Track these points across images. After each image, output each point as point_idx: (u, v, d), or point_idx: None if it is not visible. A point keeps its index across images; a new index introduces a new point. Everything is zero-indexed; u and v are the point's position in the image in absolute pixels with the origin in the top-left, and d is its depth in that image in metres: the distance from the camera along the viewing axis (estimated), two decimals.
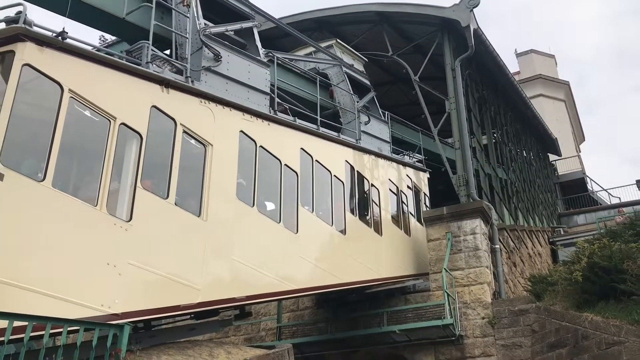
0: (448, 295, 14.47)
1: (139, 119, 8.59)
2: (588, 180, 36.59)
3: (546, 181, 33.21)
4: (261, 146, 11.27)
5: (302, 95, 15.72)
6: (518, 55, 46.22)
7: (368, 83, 18.12)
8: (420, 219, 18.02)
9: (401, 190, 17.73)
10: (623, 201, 32.08)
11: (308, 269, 12.03)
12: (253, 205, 10.64)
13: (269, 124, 11.76)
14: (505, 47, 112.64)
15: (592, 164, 54.38)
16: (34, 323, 5.92)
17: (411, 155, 20.31)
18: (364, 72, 18.53)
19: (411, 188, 18.59)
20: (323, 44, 17.62)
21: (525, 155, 29.42)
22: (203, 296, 9.09)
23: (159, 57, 9.81)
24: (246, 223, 10.41)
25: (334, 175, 13.85)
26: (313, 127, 13.67)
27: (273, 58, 13.65)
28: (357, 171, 15.16)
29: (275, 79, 13.03)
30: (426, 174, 20.11)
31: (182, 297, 8.74)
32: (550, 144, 34.80)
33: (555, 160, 36.85)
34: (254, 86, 11.59)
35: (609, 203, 33.41)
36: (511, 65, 38.21)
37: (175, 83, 9.48)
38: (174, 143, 9.15)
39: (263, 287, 10.57)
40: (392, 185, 17.20)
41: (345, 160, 14.66)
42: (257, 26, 12.89)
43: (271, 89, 12.33)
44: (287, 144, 12.33)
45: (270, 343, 15.72)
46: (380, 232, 15.65)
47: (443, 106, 19.77)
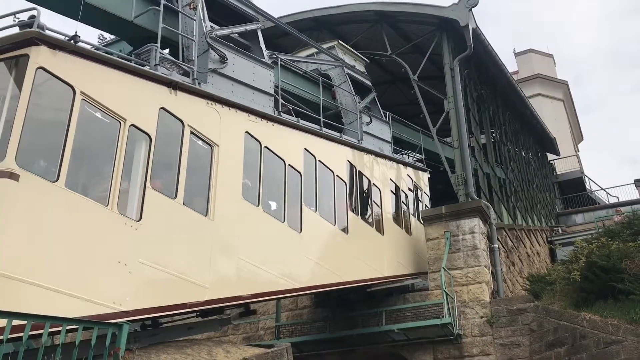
0: (447, 294, 14.52)
1: (148, 121, 8.73)
2: (586, 179, 36.70)
3: (544, 180, 33.25)
4: (266, 147, 11.43)
5: (305, 96, 15.84)
6: (516, 54, 46.29)
7: (369, 84, 18.23)
8: (420, 219, 18.12)
9: (402, 189, 17.86)
10: (621, 200, 32.21)
11: (312, 268, 12.19)
12: (258, 205, 10.80)
13: (273, 125, 11.92)
14: (503, 47, 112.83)
15: (591, 164, 54.84)
16: (33, 322, 5.90)
17: (409, 154, 20.39)
18: (365, 73, 18.62)
19: (412, 188, 18.72)
20: (325, 45, 17.69)
21: (523, 154, 29.41)
22: (210, 294, 9.24)
23: (167, 60, 9.95)
24: (251, 222, 10.57)
25: (337, 175, 13.99)
26: (316, 128, 13.82)
27: (277, 60, 13.77)
28: (359, 171, 15.30)
29: (279, 81, 13.17)
30: (426, 174, 20.24)
31: (191, 295, 8.89)
32: (548, 144, 34.85)
33: (553, 159, 36.91)
34: (259, 87, 11.74)
35: (607, 202, 33.55)
36: (510, 64, 38.30)
37: (182, 85, 9.62)
38: (182, 144, 9.29)
39: (268, 285, 10.72)
40: (393, 185, 17.33)
41: (347, 160, 14.81)
42: (261, 28, 13.04)
43: (275, 90, 12.48)
44: (291, 145, 12.47)
45: (268, 342, 15.75)
46: (381, 232, 15.79)
47: (442, 105, 19.82)
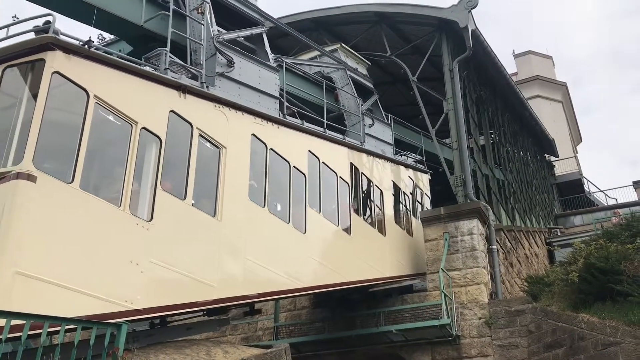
0: (445, 295, 14.58)
1: (159, 123, 8.93)
2: (585, 181, 36.80)
3: (543, 182, 33.39)
4: (271, 149, 11.63)
5: (309, 98, 16.04)
6: (516, 56, 46.36)
7: (371, 86, 18.42)
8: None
9: (403, 191, 18.04)
10: (620, 202, 32.28)
11: (316, 268, 12.38)
12: (264, 206, 11.00)
13: (279, 127, 12.12)
14: (503, 48, 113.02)
15: (591, 164, 55.02)
16: (32, 322, 5.94)
17: (408, 155, 20.53)
18: (368, 76, 18.80)
19: (413, 189, 18.89)
20: (328, 48, 17.89)
21: (522, 156, 29.54)
22: (218, 293, 9.44)
23: (176, 64, 10.15)
24: (258, 223, 10.76)
25: (340, 176, 14.17)
26: (320, 130, 14.02)
27: (282, 63, 13.98)
28: (362, 173, 15.50)
29: (284, 84, 13.36)
30: (427, 175, 20.41)
31: (199, 294, 9.09)
32: (547, 145, 35.00)
33: (552, 161, 37.03)
34: (265, 91, 11.96)
35: (606, 204, 33.64)
36: (509, 66, 38.30)
37: (191, 88, 9.82)
38: (191, 146, 9.50)
39: (274, 285, 10.93)
40: (395, 186, 17.51)
41: (350, 162, 14.99)
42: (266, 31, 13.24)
43: (280, 93, 12.68)
44: (296, 147, 12.67)
45: (267, 342, 15.82)
46: (383, 232, 15.97)
47: (441, 107, 19.90)
